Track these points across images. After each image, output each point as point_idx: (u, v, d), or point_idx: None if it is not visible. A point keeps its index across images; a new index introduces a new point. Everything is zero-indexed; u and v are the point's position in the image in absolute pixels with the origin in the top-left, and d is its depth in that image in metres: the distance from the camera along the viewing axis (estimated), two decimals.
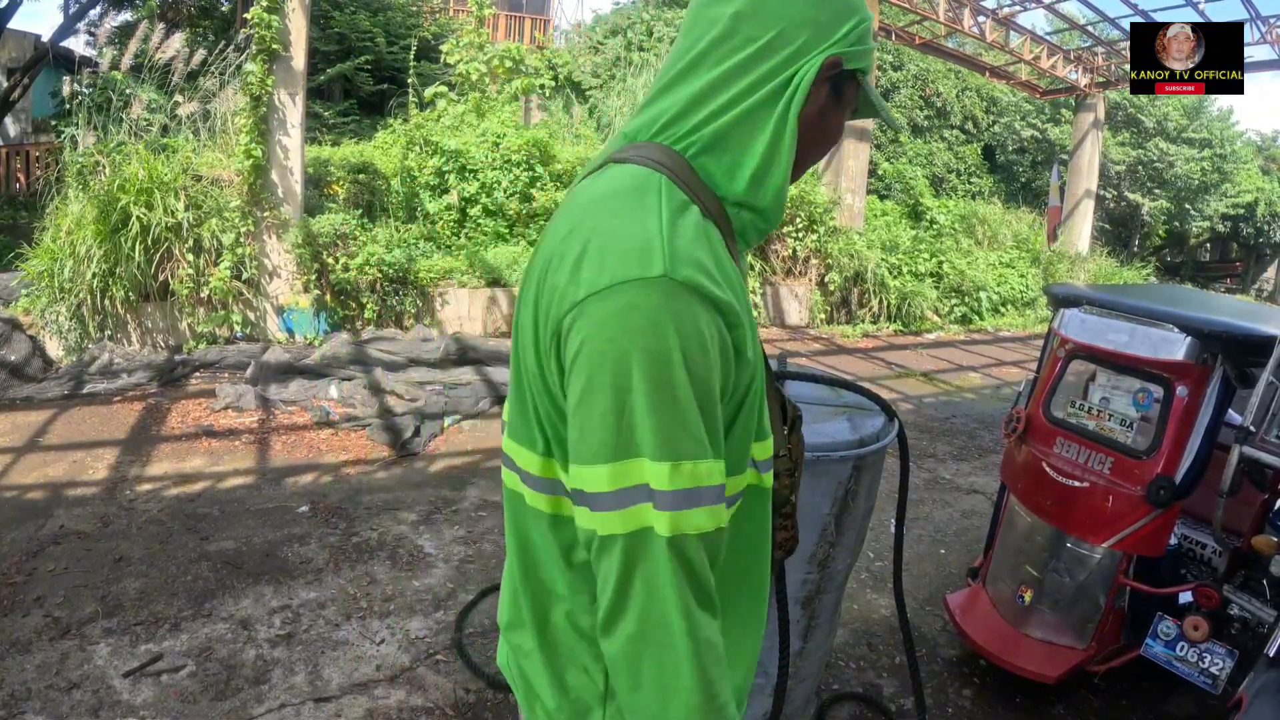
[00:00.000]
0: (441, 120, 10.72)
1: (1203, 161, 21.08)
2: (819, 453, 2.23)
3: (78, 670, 2.99)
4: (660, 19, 16.98)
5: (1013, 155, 21.07)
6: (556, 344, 0.95)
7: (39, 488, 4.65)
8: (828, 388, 2.59)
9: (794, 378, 2.55)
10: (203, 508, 4.47)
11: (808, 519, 2.34)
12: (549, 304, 0.96)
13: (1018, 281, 13.49)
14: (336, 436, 5.72)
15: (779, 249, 10.86)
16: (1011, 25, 15.74)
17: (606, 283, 0.90)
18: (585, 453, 0.93)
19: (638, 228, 0.94)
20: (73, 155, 7.40)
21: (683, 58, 1.05)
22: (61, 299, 6.89)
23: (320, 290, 7.92)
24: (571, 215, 1.01)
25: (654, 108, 1.07)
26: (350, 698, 2.93)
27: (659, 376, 0.89)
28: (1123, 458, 2.79)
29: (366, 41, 14.03)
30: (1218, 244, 26.98)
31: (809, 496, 2.31)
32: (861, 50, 1.10)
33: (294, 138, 7.88)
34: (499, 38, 16.95)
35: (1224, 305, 3.67)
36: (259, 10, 7.42)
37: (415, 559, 3.99)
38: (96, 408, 6.04)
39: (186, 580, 3.68)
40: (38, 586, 3.56)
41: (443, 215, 9.75)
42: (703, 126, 1.03)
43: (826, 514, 2.35)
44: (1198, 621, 2.62)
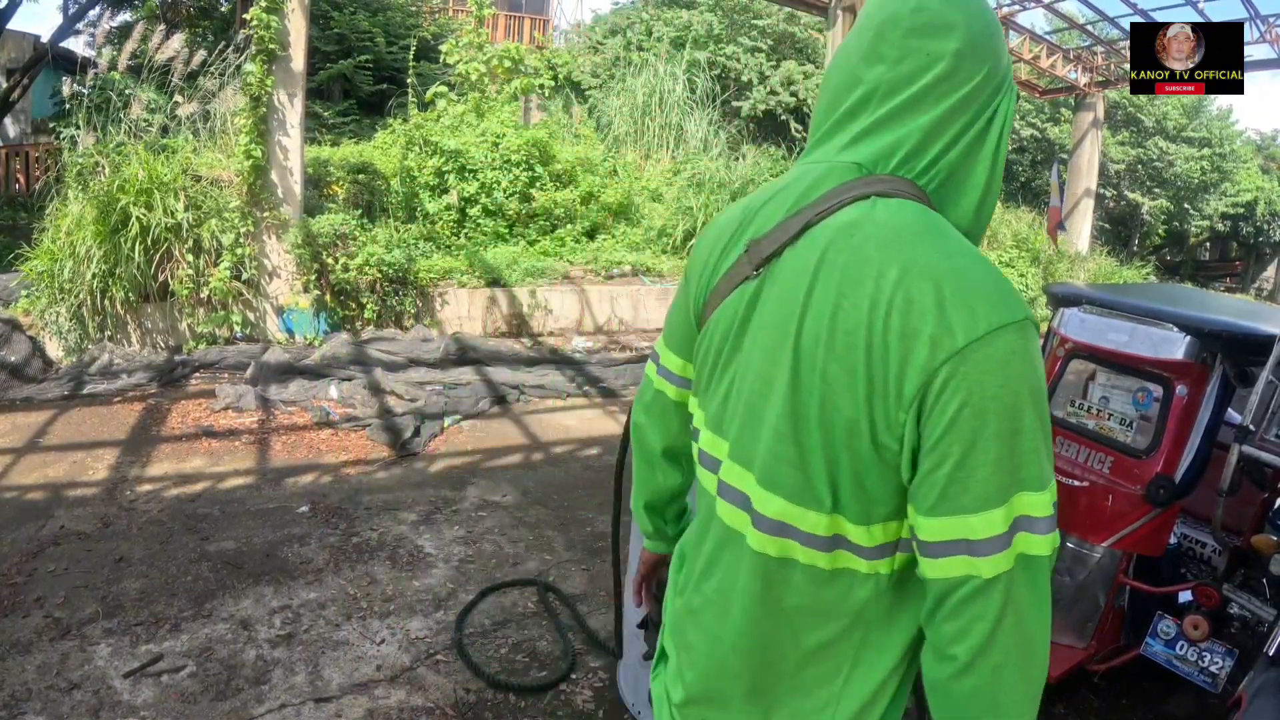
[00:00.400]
0: (441, 120, 10.72)
1: (1202, 160, 21.08)
2: None
3: (78, 671, 2.99)
4: (660, 19, 16.96)
5: (1012, 155, 21.07)
6: (921, 393, 0.93)
7: (39, 488, 4.65)
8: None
9: None
10: (203, 508, 4.47)
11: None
12: (901, 360, 0.93)
13: (1017, 281, 13.48)
14: (336, 437, 5.72)
15: None
16: (1010, 25, 15.74)
17: (984, 329, 0.91)
18: (972, 502, 0.92)
19: (980, 270, 0.97)
20: (72, 156, 7.40)
21: (903, 89, 1.05)
22: (61, 299, 6.89)
23: (320, 290, 7.92)
24: (882, 255, 0.98)
25: (883, 138, 1.07)
26: (350, 698, 2.93)
27: (1042, 414, 0.94)
28: (1122, 457, 2.80)
29: (366, 41, 14.02)
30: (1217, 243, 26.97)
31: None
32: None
33: (293, 138, 7.88)
34: (498, 38, 16.95)
35: (1223, 304, 3.67)
36: (258, 10, 7.41)
37: (415, 559, 4.00)
38: (96, 408, 6.04)
39: (187, 580, 3.68)
40: (38, 587, 3.56)
41: (442, 215, 9.75)
42: (939, 160, 1.06)
43: None
44: (1197, 620, 2.62)
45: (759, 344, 1.07)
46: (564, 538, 4.33)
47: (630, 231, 11.02)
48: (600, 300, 9.50)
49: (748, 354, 1.09)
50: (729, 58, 16.63)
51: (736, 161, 11.99)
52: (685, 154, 13.35)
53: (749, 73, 16.64)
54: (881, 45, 1.06)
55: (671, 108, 14.06)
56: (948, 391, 0.91)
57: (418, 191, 9.78)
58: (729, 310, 1.12)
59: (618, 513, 2.95)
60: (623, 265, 9.98)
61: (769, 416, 1.04)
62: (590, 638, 3.39)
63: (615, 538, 2.99)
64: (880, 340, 0.94)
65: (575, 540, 4.29)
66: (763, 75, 16.80)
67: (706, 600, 1.16)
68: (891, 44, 1.05)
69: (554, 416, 6.48)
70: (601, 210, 10.96)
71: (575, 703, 3.00)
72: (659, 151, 13.81)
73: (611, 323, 9.53)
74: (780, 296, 1.05)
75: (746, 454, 1.08)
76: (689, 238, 10.63)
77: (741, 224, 1.15)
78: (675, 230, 10.70)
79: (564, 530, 4.42)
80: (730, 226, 1.18)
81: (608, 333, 9.38)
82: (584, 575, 3.93)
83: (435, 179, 9.92)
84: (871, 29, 1.08)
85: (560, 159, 10.88)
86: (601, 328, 9.44)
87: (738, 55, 16.70)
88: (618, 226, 11.10)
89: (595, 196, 10.92)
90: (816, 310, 1.00)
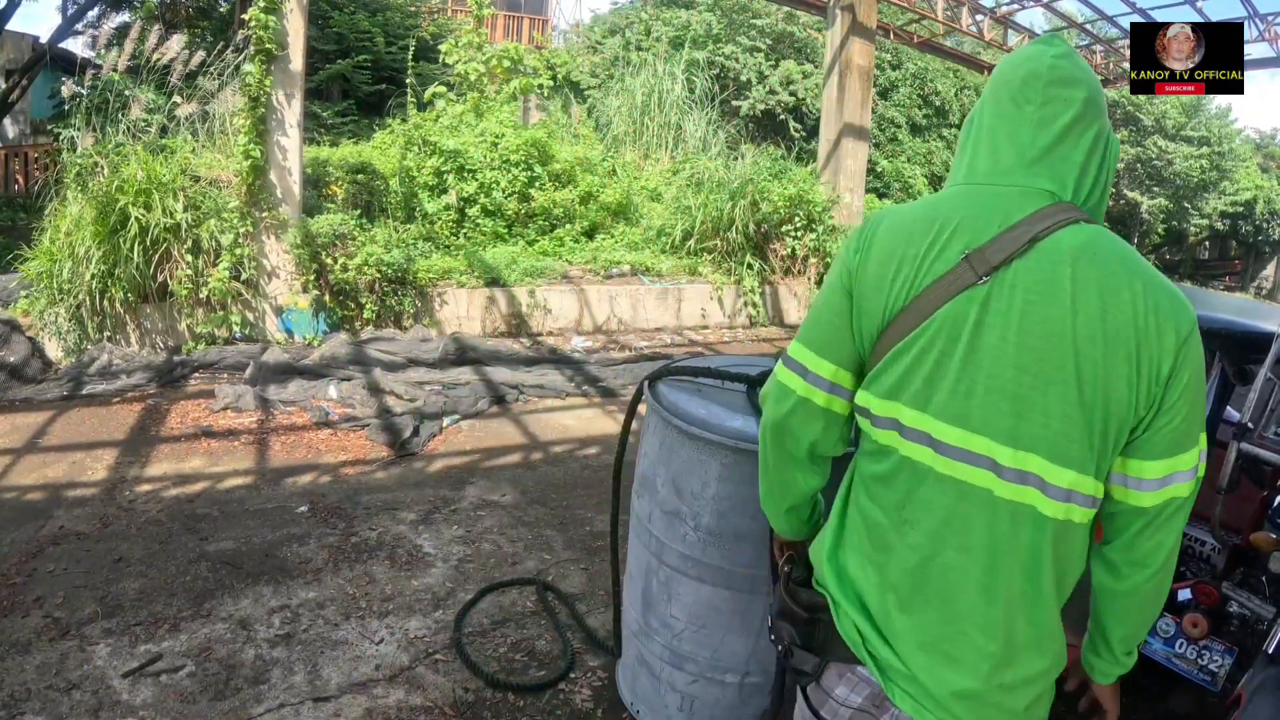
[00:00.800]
0: (440, 120, 10.72)
1: (1201, 159, 21.09)
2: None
3: (77, 671, 2.99)
4: (659, 18, 16.98)
5: None
6: (1167, 375, 1.24)
7: (38, 489, 4.65)
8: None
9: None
10: (202, 508, 4.47)
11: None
12: (1159, 347, 1.23)
13: None
14: (335, 436, 5.71)
15: (778, 248, 10.85)
16: (1009, 24, 15.75)
17: (1189, 327, 1.25)
18: (1189, 442, 1.30)
19: (1169, 284, 1.29)
20: (71, 156, 7.40)
21: (1049, 127, 1.32)
22: (60, 300, 6.89)
23: (319, 291, 7.91)
24: (1126, 270, 1.25)
25: (1049, 169, 1.32)
26: (349, 697, 2.93)
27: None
28: None
29: (365, 41, 14.04)
30: (1217, 242, 26.98)
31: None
32: None
33: (292, 138, 7.87)
34: (497, 38, 16.96)
35: (1222, 303, 3.67)
36: (256, 11, 7.41)
37: (414, 559, 3.99)
38: (96, 409, 6.03)
39: (186, 580, 3.68)
40: (37, 587, 3.56)
41: (441, 215, 9.75)
42: (1094, 190, 1.35)
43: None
44: (1196, 619, 2.62)
45: (1016, 343, 1.25)
46: (563, 537, 4.33)
47: (629, 231, 11.02)
48: (599, 300, 9.50)
49: (996, 351, 1.26)
50: (728, 57, 16.65)
51: (736, 161, 11.98)
52: (684, 153, 13.35)
53: (748, 72, 16.66)
54: (1028, 91, 1.33)
55: (670, 107, 14.07)
56: (1181, 367, 1.24)
57: (417, 192, 9.78)
58: (954, 313, 1.27)
59: (616, 512, 2.96)
60: (622, 265, 9.97)
61: (1054, 404, 1.24)
62: (589, 637, 3.39)
63: (614, 537, 3.00)
64: (1144, 333, 1.22)
65: (574, 539, 4.29)
66: (761, 75, 16.82)
67: (950, 561, 1.33)
68: (1036, 90, 1.33)
69: (553, 416, 6.48)
70: (600, 210, 10.96)
71: (574, 702, 3.00)
72: (658, 151, 13.81)
73: (611, 322, 9.53)
74: (1034, 302, 1.25)
75: (1022, 436, 1.25)
76: (687, 237, 10.63)
77: (936, 238, 1.30)
78: (674, 230, 10.69)
79: (563, 529, 4.42)
80: (921, 240, 1.32)
81: (607, 332, 9.39)
82: (583, 574, 3.93)
83: (434, 179, 9.92)
84: (1016, 81, 1.35)
85: (559, 159, 10.87)
86: (600, 327, 9.44)
87: (736, 55, 16.72)
88: (617, 226, 11.09)
89: (594, 196, 10.92)
90: (1085, 314, 1.23)
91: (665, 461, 2.51)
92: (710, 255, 10.56)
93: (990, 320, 1.25)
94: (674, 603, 2.55)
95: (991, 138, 1.36)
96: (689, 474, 2.43)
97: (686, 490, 2.45)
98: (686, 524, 2.46)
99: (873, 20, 12.09)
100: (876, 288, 1.34)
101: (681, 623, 2.55)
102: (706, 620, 2.51)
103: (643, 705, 2.78)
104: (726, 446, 2.34)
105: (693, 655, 2.56)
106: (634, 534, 2.74)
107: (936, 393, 1.29)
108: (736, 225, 10.45)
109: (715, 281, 10.28)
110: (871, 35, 12.14)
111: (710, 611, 2.49)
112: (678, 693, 2.63)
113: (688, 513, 2.45)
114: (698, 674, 2.58)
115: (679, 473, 2.46)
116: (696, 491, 2.42)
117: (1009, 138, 1.33)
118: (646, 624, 2.67)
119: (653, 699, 2.73)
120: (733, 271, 10.46)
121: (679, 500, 2.47)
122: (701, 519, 2.43)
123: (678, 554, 2.51)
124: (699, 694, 2.59)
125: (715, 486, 2.39)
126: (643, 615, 2.69)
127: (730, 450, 2.34)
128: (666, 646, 2.61)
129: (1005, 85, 1.36)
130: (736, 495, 2.37)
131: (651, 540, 2.59)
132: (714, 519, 2.41)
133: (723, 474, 2.37)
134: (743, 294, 10.42)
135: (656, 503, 2.56)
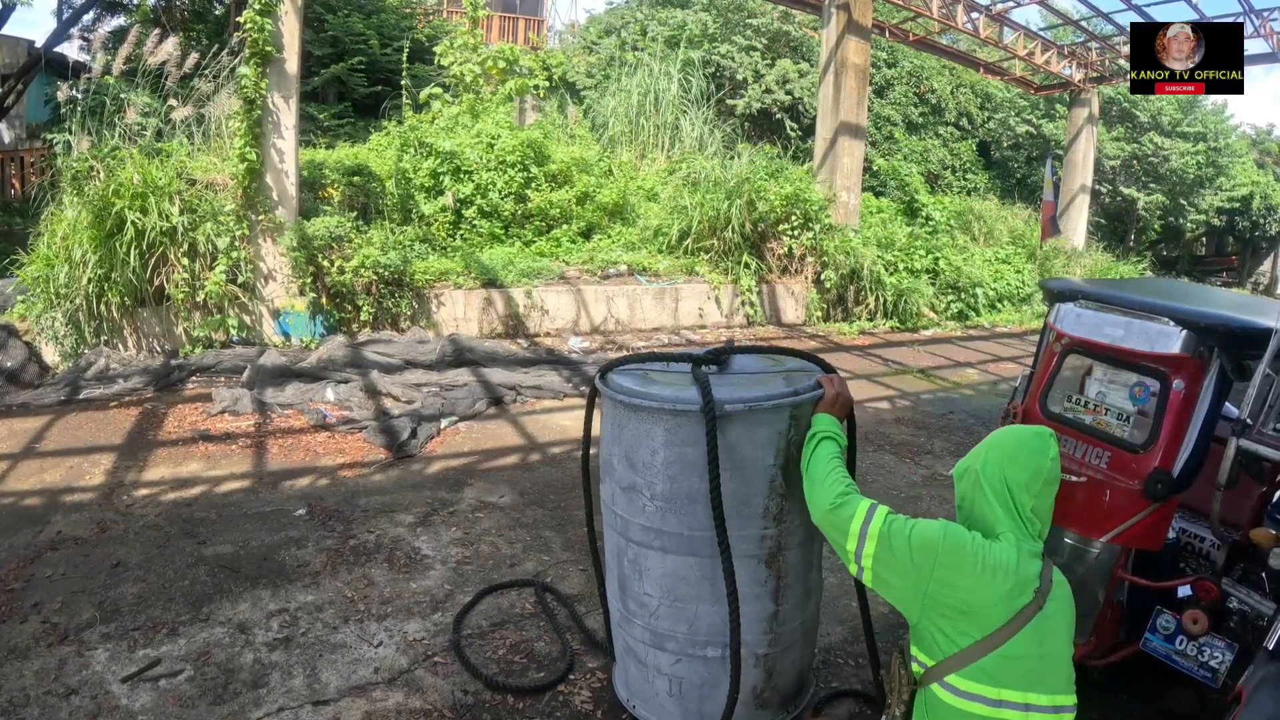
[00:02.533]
0: (436, 122, 10.72)
1: (1197, 155, 21.07)
2: (752, 404, 2.41)
3: (76, 676, 2.98)
4: (654, 18, 16.96)
5: (1008, 151, 21.06)
6: None
7: (36, 494, 4.64)
8: (770, 358, 2.86)
9: (740, 352, 2.74)
10: (200, 512, 4.46)
11: (753, 471, 2.46)
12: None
13: (1014, 277, 13.48)
14: (333, 439, 5.70)
15: (775, 247, 10.85)
16: (1005, 21, 15.73)
17: None
18: None
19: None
20: (67, 160, 7.39)
21: (1043, 509, 2.02)
22: (57, 304, 6.88)
23: (316, 293, 7.90)
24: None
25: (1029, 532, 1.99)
26: (348, 700, 2.92)
27: None
28: (1120, 452, 2.78)
29: (360, 44, 14.02)
30: (1213, 238, 26.98)
31: (751, 448, 2.44)
32: None
33: (288, 140, 7.86)
34: (493, 39, 16.93)
35: (1219, 298, 3.67)
36: (252, 13, 7.40)
37: (412, 561, 3.99)
38: (93, 413, 6.02)
39: (184, 585, 3.67)
40: (35, 592, 3.55)
41: (438, 217, 9.74)
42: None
43: (771, 465, 2.47)
44: (1197, 615, 2.61)
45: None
46: (561, 538, 4.33)
47: (626, 231, 11.01)
48: (596, 300, 9.49)
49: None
50: (724, 57, 16.64)
51: (732, 160, 11.98)
52: (680, 153, 13.34)
53: (744, 71, 16.65)
54: (1035, 484, 1.95)
55: (666, 107, 14.05)
56: None
57: (413, 193, 9.77)
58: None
59: (590, 509, 3.02)
60: (619, 265, 9.97)
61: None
62: (588, 638, 3.38)
63: (591, 534, 3.06)
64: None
65: (573, 540, 4.28)
66: (758, 74, 16.81)
67: None
68: (1046, 484, 1.97)
69: (551, 417, 6.46)
70: (597, 210, 10.95)
71: (574, 704, 2.99)
72: (654, 151, 13.80)
73: (608, 322, 9.52)
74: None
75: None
76: (684, 237, 10.62)
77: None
78: (671, 229, 10.68)
79: (561, 530, 4.41)
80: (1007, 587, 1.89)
81: (604, 332, 9.38)
82: (582, 575, 3.92)
83: (430, 180, 9.91)
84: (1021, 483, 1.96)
85: (555, 159, 10.86)
86: (598, 327, 9.43)
87: (732, 54, 16.71)
88: (613, 226, 11.08)
89: (591, 196, 10.91)
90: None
91: (618, 439, 2.62)
92: (707, 255, 10.55)
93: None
94: (645, 579, 2.62)
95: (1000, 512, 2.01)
96: (639, 445, 2.54)
97: (639, 461, 2.55)
98: (644, 495, 2.55)
99: (868, 18, 12.09)
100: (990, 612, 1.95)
101: (655, 598, 2.60)
102: (678, 592, 2.56)
103: (637, 699, 2.79)
104: (666, 410, 2.46)
105: (671, 632, 2.60)
106: (605, 522, 2.80)
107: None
108: (733, 224, 10.44)
109: (712, 281, 10.27)
110: (867, 33, 12.13)
111: (679, 582, 2.55)
112: (664, 676, 2.66)
113: (643, 484, 2.55)
114: (679, 652, 2.61)
115: (630, 446, 2.57)
116: (647, 461, 2.53)
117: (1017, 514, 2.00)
118: (626, 609, 2.72)
119: (644, 689, 2.75)
120: (730, 271, 10.45)
121: (634, 473, 2.57)
122: (656, 487, 2.52)
123: (640, 527, 2.59)
124: (684, 674, 2.61)
125: (663, 452, 2.49)
126: (621, 601, 2.74)
127: (670, 414, 2.45)
128: (646, 627, 2.65)
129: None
130: (683, 458, 2.46)
131: (616, 520, 2.68)
132: (666, 484, 2.50)
133: (667, 438, 2.48)
134: (740, 293, 10.41)
135: (615, 481, 2.65)
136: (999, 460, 1.97)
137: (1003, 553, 1.88)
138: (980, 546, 1.89)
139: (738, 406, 2.39)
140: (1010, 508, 1.94)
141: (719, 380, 2.51)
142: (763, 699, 2.65)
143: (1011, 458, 1.94)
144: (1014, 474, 1.94)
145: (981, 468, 1.99)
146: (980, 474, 1.98)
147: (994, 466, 1.97)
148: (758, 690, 2.63)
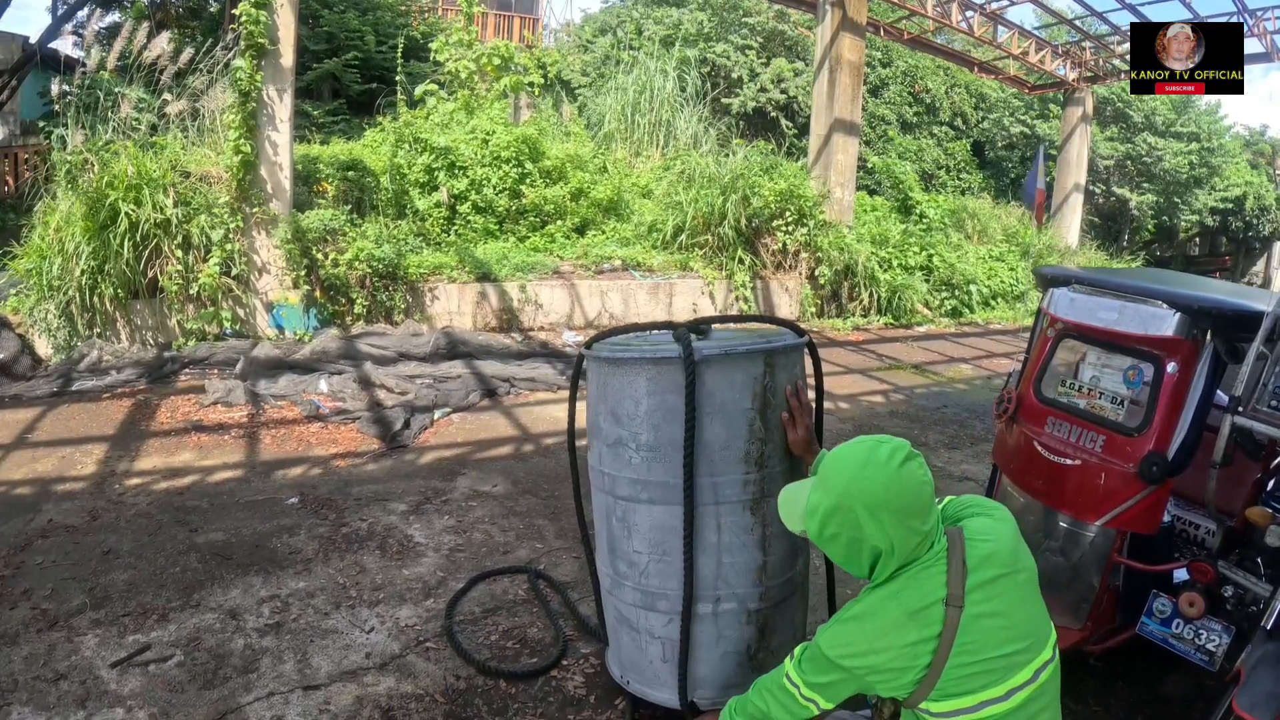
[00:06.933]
0: (431, 118, 10.70)
1: (1191, 155, 21.15)
2: (729, 349, 2.47)
3: (65, 661, 2.96)
4: (650, 17, 16.99)
5: (1002, 151, 21.12)
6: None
7: (27, 483, 4.61)
8: (748, 328, 3.08)
9: (719, 321, 2.79)
10: (192, 500, 4.44)
11: (733, 415, 2.48)
12: None
13: (1008, 275, 13.51)
14: (326, 430, 5.68)
15: (769, 243, 10.85)
16: (999, 20, 15.76)
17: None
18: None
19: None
20: (61, 154, 7.36)
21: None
22: (50, 297, 6.85)
23: (310, 286, 7.88)
24: None
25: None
26: (339, 685, 2.90)
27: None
28: (1114, 435, 2.78)
29: (355, 40, 14.01)
30: (1207, 238, 27.08)
31: (729, 393, 2.47)
32: None
33: (283, 133, 7.84)
34: (488, 36, 16.92)
35: (1212, 285, 3.67)
36: (247, 5, 7.38)
37: (405, 548, 3.97)
38: (85, 405, 5.99)
39: (175, 571, 3.65)
40: (25, 579, 3.52)
41: (432, 212, 9.72)
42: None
43: (749, 409, 2.49)
44: (1193, 598, 2.61)
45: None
46: (554, 526, 4.31)
47: (620, 227, 11.00)
48: (590, 295, 9.48)
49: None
50: (719, 55, 16.65)
51: (727, 157, 11.98)
52: (675, 151, 13.34)
53: (739, 70, 16.67)
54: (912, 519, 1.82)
55: (661, 105, 14.05)
56: None
57: (408, 189, 9.75)
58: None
59: (579, 494, 3.01)
60: (613, 260, 9.96)
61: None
62: (581, 624, 3.37)
63: (580, 515, 3.05)
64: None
65: (566, 528, 4.27)
66: (753, 72, 16.84)
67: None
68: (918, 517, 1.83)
69: (544, 409, 6.45)
70: (591, 206, 10.94)
71: (566, 689, 2.97)
72: (649, 148, 13.79)
73: (602, 317, 9.52)
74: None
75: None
76: (679, 232, 10.61)
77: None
78: (665, 225, 10.68)
79: (554, 519, 4.40)
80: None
81: (598, 327, 9.36)
82: (575, 562, 3.91)
83: (425, 176, 9.89)
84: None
85: (550, 156, 10.85)
86: (592, 322, 9.42)
87: (728, 53, 16.74)
88: (608, 222, 11.07)
89: (585, 193, 10.90)
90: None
91: (603, 398, 2.64)
92: (701, 250, 10.55)
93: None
94: (633, 535, 2.61)
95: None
96: (622, 398, 2.57)
97: (623, 413, 2.57)
98: (629, 448, 2.57)
99: (863, 16, 12.10)
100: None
101: (644, 555, 2.59)
102: (666, 545, 2.55)
103: (631, 673, 2.75)
104: (648, 359, 2.50)
105: (662, 590, 2.58)
106: (593, 486, 2.79)
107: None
108: (728, 220, 10.44)
109: (707, 276, 10.27)
110: (862, 30, 12.15)
111: (667, 535, 2.54)
112: (657, 639, 2.63)
113: (628, 436, 2.56)
114: (671, 611, 2.57)
115: (615, 401, 2.60)
116: (631, 412, 2.55)
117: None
118: (616, 571, 2.70)
119: (638, 659, 2.71)
120: (724, 266, 10.45)
121: (619, 426, 2.59)
122: (641, 437, 2.54)
123: (627, 481, 2.59)
124: (677, 635, 2.57)
125: (646, 401, 2.52)
126: (611, 565, 2.72)
127: (651, 363, 2.49)
128: (636, 588, 2.63)
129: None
130: (665, 405, 2.49)
131: (604, 479, 2.67)
132: (651, 433, 2.52)
133: (650, 387, 2.51)
134: (734, 288, 10.41)
135: (601, 440, 2.66)
136: (870, 508, 1.78)
137: (885, 613, 1.79)
138: (865, 632, 1.81)
139: (714, 352, 2.44)
140: (889, 541, 1.80)
141: (700, 343, 2.53)
142: (757, 660, 2.59)
143: (883, 504, 1.76)
144: (892, 516, 1.77)
145: (854, 518, 1.81)
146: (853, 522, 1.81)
147: (868, 516, 1.78)
148: (752, 650, 2.58)
